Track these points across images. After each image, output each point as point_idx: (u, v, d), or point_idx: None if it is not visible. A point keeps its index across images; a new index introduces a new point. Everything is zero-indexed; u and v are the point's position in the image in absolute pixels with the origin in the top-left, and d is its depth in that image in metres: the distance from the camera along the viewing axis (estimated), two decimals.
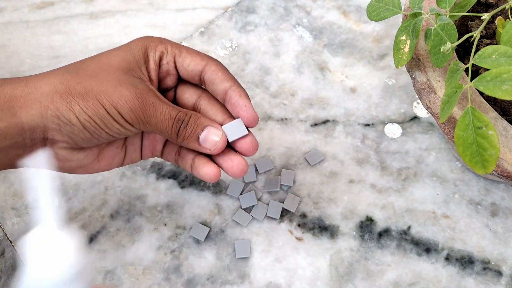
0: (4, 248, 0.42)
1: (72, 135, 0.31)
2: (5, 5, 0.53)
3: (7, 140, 0.30)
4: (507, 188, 0.43)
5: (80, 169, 0.34)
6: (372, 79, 0.49)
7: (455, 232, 0.42)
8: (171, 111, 0.33)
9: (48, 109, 0.30)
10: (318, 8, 0.53)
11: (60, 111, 0.30)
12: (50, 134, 0.30)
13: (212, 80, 0.34)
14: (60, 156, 0.32)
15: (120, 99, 0.31)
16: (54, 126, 0.30)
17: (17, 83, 0.31)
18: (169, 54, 0.34)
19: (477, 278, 0.40)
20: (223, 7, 0.53)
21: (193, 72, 0.35)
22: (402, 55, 0.36)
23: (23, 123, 0.29)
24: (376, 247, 0.41)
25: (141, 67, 0.33)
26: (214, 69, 0.34)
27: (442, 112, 0.31)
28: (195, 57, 0.35)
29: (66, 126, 0.30)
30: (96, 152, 0.34)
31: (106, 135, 0.32)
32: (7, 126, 0.29)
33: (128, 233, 0.42)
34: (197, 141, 0.33)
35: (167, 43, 0.35)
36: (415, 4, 0.35)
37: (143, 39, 0.34)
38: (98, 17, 0.53)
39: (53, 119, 0.30)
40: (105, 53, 0.34)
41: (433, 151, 0.45)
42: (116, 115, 0.31)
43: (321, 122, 0.47)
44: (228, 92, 0.34)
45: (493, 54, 0.29)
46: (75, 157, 0.33)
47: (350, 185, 0.44)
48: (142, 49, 0.34)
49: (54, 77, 0.31)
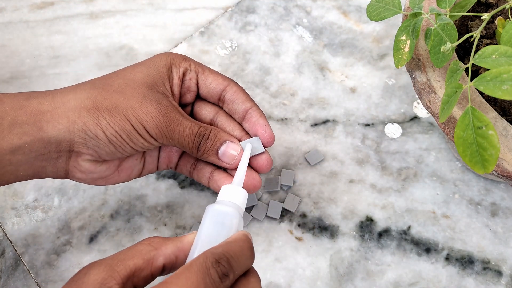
0: (4, 248, 0.42)
1: (97, 148, 0.31)
2: (5, 5, 0.53)
3: (32, 153, 0.30)
4: (507, 188, 0.43)
5: (100, 181, 0.35)
6: (372, 79, 0.49)
7: (455, 232, 0.42)
8: (193, 126, 0.34)
9: (75, 123, 0.30)
10: (318, 8, 0.53)
11: (87, 125, 0.31)
12: (76, 147, 0.31)
13: (233, 99, 0.36)
14: (83, 168, 0.33)
15: (146, 115, 0.32)
16: (80, 140, 0.31)
17: (44, 98, 0.31)
18: (192, 71, 0.36)
19: (477, 278, 0.40)
20: (223, 7, 0.53)
21: (214, 90, 0.36)
22: (402, 55, 0.36)
23: (49, 137, 0.30)
24: (376, 247, 0.41)
25: (165, 82, 0.34)
26: (236, 90, 0.36)
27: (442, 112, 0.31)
28: (217, 76, 0.36)
29: (92, 140, 0.31)
30: (117, 164, 0.35)
31: (130, 149, 0.33)
32: (33, 140, 0.30)
33: (128, 233, 0.42)
34: (216, 155, 0.35)
35: (190, 61, 0.36)
36: (415, 4, 0.35)
37: (166, 55, 0.35)
38: (98, 17, 0.53)
39: (80, 134, 0.31)
40: (129, 68, 0.34)
41: (433, 151, 0.45)
42: (142, 130, 0.32)
43: (321, 122, 0.47)
44: (248, 112, 0.36)
45: (493, 54, 0.29)
46: (97, 169, 0.33)
47: (350, 185, 0.44)
48: (166, 64, 0.35)
49: (81, 92, 0.32)
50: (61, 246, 0.42)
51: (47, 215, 0.43)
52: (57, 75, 0.49)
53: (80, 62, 0.50)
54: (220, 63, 0.50)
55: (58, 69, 0.50)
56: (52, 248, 0.41)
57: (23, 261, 0.41)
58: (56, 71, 0.50)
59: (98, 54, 0.51)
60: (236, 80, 0.49)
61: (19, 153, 0.30)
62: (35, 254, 0.41)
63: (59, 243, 0.42)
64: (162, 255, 0.27)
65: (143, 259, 0.26)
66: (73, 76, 0.49)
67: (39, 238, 0.42)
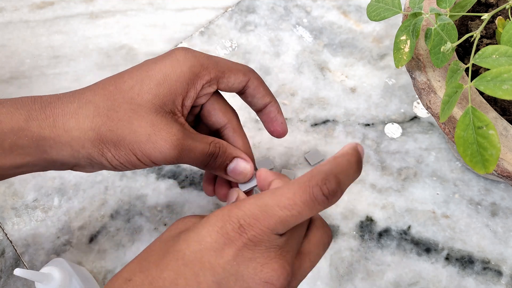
0: (4, 248, 0.42)
1: (103, 167, 0.32)
2: (5, 5, 0.53)
3: (36, 167, 0.31)
4: (507, 188, 0.43)
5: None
6: (372, 79, 0.49)
7: (455, 232, 0.42)
8: (204, 148, 0.33)
9: (80, 153, 0.31)
10: (318, 8, 0.53)
11: (92, 155, 0.31)
12: (82, 166, 0.32)
13: (253, 94, 0.36)
14: (84, 171, 0.34)
15: (155, 151, 0.31)
16: (86, 164, 0.31)
17: (44, 121, 0.31)
18: (213, 81, 0.34)
19: (477, 278, 0.40)
20: (223, 7, 0.53)
21: (234, 88, 0.36)
22: (402, 55, 0.36)
23: (54, 160, 0.31)
24: (376, 247, 0.41)
25: (177, 98, 0.33)
26: (256, 84, 0.36)
27: (442, 112, 0.31)
28: (237, 74, 0.35)
29: (97, 165, 0.32)
30: None
31: (133, 167, 0.33)
32: (37, 160, 0.30)
33: (128, 233, 0.42)
34: (224, 171, 0.35)
35: (212, 68, 0.34)
36: (415, 4, 0.35)
37: (188, 64, 0.33)
38: (98, 17, 0.53)
39: (85, 160, 0.31)
40: (138, 84, 0.32)
41: (433, 151, 0.45)
42: (148, 162, 0.32)
43: (321, 122, 0.47)
44: (267, 107, 0.36)
45: (493, 54, 0.29)
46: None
47: (350, 185, 0.44)
48: (186, 79, 0.33)
49: (83, 121, 0.31)
50: (61, 246, 0.42)
51: (47, 215, 0.43)
52: (57, 75, 0.49)
53: (80, 62, 0.50)
54: None
55: (58, 69, 0.50)
56: (52, 248, 0.41)
57: (23, 261, 0.41)
58: (56, 71, 0.50)
59: (98, 54, 0.51)
60: None
61: (23, 168, 0.31)
62: (35, 254, 0.41)
63: (59, 243, 0.42)
64: None
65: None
66: (73, 76, 0.49)
67: (39, 238, 0.42)
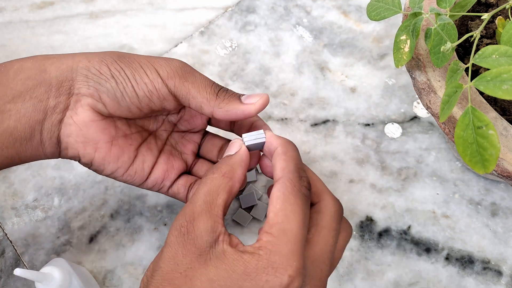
0: (4, 248, 0.42)
1: (98, 86, 0.30)
2: (5, 5, 0.53)
3: (32, 100, 0.30)
4: (507, 188, 0.43)
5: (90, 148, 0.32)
6: (372, 79, 0.49)
7: (455, 232, 0.42)
8: (208, 81, 0.33)
9: (80, 62, 0.30)
10: (318, 8, 0.53)
11: (92, 63, 0.30)
12: (76, 87, 0.30)
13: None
14: (80, 119, 0.31)
15: (161, 65, 0.32)
16: (82, 78, 0.30)
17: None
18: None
19: (477, 278, 0.40)
20: (223, 7, 0.53)
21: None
22: (402, 55, 0.36)
23: (51, 79, 0.30)
24: (376, 247, 0.41)
25: None
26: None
27: (442, 112, 0.31)
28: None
29: (95, 76, 0.30)
30: (113, 133, 0.33)
31: (131, 91, 0.31)
32: (35, 84, 0.30)
33: (128, 233, 0.42)
34: (239, 99, 0.32)
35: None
36: (415, 3, 0.35)
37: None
38: (98, 17, 0.53)
39: (82, 71, 0.30)
40: None
41: (433, 151, 0.45)
42: (151, 69, 0.31)
43: (321, 122, 0.47)
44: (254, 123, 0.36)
45: (493, 53, 0.29)
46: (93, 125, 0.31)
47: (350, 185, 0.44)
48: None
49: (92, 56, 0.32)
50: (61, 246, 0.42)
51: (47, 215, 0.43)
52: None
53: None
54: (220, 63, 0.50)
55: None
56: (52, 248, 0.41)
57: (23, 261, 0.41)
58: None
59: None
60: (236, 80, 0.49)
61: (20, 100, 0.29)
62: (35, 254, 0.41)
63: (59, 243, 0.42)
64: (237, 181, 0.29)
65: (226, 192, 0.28)
66: None
67: (39, 238, 0.42)
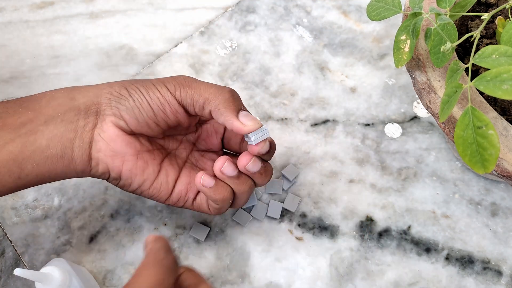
0: (4, 248, 0.42)
1: (119, 105, 0.34)
2: (5, 5, 0.53)
3: (64, 122, 0.34)
4: (507, 188, 0.43)
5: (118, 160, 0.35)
6: (372, 79, 0.49)
7: (455, 232, 0.42)
8: (210, 84, 0.36)
9: (104, 89, 0.35)
10: (318, 8, 0.53)
11: (114, 88, 0.35)
12: (102, 108, 0.35)
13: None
14: (107, 135, 0.35)
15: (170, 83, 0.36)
16: (106, 100, 0.35)
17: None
18: None
19: (477, 278, 0.40)
20: (223, 7, 0.53)
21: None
22: (402, 55, 0.36)
23: (79, 105, 0.34)
24: (376, 247, 0.41)
25: None
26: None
27: (442, 112, 0.31)
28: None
29: (116, 98, 0.35)
30: (138, 147, 0.36)
31: (146, 105, 0.35)
32: (66, 110, 0.34)
33: (128, 233, 0.42)
34: (236, 112, 0.35)
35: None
36: (415, 3, 0.35)
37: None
38: (98, 17, 0.53)
39: (106, 95, 0.35)
40: None
41: (433, 151, 0.45)
42: (161, 85, 0.35)
43: (321, 122, 0.47)
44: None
45: (493, 53, 0.29)
46: (119, 139, 0.35)
47: (350, 185, 0.44)
48: None
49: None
50: (61, 246, 0.42)
51: (47, 215, 0.43)
52: (57, 75, 0.49)
53: (80, 62, 0.50)
54: (220, 63, 0.50)
55: (58, 69, 0.50)
56: (52, 248, 0.41)
57: (23, 261, 0.41)
58: (56, 71, 0.50)
59: (98, 54, 0.51)
60: (236, 80, 0.49)
61: (52, 123, 0.33)
62: (35, 254, 0.41)
63: (59, 243, 0.42)
64: None
65: None
66: (73, 76, 0.49)
67: (39, 238, 0.42)
